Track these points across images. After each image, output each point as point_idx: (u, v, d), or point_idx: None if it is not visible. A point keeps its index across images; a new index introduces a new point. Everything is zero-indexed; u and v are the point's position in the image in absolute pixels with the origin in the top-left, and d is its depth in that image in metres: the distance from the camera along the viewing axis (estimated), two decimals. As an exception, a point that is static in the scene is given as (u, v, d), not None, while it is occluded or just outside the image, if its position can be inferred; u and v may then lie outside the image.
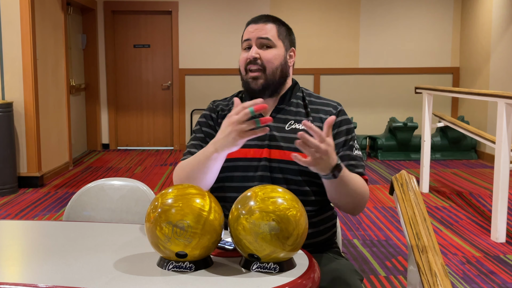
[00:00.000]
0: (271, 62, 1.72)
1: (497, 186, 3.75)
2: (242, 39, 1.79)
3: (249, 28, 1.76)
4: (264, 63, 1.72)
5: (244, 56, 1.75)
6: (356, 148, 1.74)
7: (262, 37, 1.73)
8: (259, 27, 1.75)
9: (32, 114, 5.38)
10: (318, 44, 7.74)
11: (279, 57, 1.74)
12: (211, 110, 1.83)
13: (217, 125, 1.79)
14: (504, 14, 6.52)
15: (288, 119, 1.74)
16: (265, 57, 1.72)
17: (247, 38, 1.75)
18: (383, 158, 7.11)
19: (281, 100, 1.77)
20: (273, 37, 1.74)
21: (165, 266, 1.32)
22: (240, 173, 1.72)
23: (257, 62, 1.72)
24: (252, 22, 1.78)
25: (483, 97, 4.10)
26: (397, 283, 3.09)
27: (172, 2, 7.75)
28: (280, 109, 1.76)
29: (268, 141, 1.71)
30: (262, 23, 1.75)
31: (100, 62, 7.85)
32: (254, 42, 1.73)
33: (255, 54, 1.72)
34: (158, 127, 8.07)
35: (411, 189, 1.79)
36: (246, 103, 1.47)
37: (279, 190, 1.34)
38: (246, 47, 1.76)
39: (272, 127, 1.73)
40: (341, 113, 1.78)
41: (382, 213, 4.53)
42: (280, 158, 1.69)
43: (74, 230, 1.68)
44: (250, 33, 1.75)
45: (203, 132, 1.80)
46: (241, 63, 1.76)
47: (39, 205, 4.82)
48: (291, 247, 1.29)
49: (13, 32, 5.30)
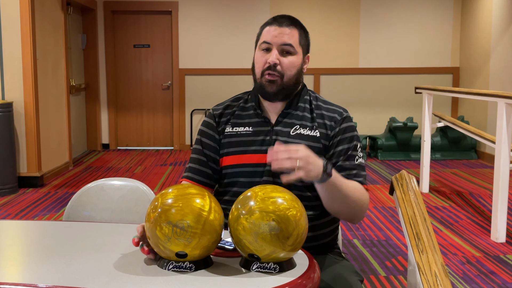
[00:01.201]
0: (290, 70, 1.69)
1: (497, 186, 3.75)
2: (260, 36, 1.73)
3: (272, 30, 1.69)
4: (283, 70, 1.68)
5: (263, 59, 1.69)
6: (358, 157, 1.71)
7: (286, 43, 1.68)
8: (283, 31, 1.68)
9: (32, 114, 5.38)
10: (318, 44, 7.74)
11: (298, 64, 1.71)
12: (211, 117, 1.80)
13: (216, 133, 1.77)
14: (504, 14, 6.52)
15: (294, 124, 1.72)
16: (285, 64, 1.68)
17: (267, 41, 1.69)
18: (383, 158, 7.11)
19: (289, 104, 1.74)
20: (295, 43, 1.69)
21: (165, 266, 1.32)
22: (245, 179, 1.70)
23: (277, 69, 1.67)
24: (276, 23, 1.70)
25: (483, 97, 4.10)
26: (397, 283, 3.09)
27: (172, 2, 7.75)
28: (286, 114, 1.73)
29: (273, 146, 1.70)
30: (286, 26, 1.69)
31: (100, 62, 7.85)
32: (276, 47, 1.68)
33: (276, 59, 1.67)
34: (158, 127, 8.07)
35: (411, 189, 1.78)
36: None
37: (279, 190, 1.34)
38: (265, 49, 1.69)
39: (279, 131, 1.71)
40: (346, 120, 1.75)
41: (382, 213, 4.53)
42: None
43: (74, 230, 1.68)
44: (274, 37, 1.68)
45: (202, 144, 1.78)
46: (259, 64, 1.71)
47: (39, 205, 4.82)
48: (291, 247, 1.29)
49: (13, 32, 5.30)
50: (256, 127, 1.73)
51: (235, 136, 1.74)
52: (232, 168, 1.72)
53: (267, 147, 1.67)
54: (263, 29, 1.73)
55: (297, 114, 1.74)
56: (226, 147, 1.74)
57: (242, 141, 1.72)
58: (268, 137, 1.71)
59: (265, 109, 1.76)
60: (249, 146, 1.71)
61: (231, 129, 1.75)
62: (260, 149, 1.70)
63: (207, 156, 1.76)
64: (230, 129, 1.75)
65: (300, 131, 1.71)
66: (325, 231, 1.74)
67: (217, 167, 1.77)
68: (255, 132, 1.72)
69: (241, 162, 1.71)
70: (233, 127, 1.75)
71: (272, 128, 1.72)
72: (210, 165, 1.76)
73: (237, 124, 1.75)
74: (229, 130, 1.75)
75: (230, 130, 1.75)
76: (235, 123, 1.76)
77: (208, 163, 1.76)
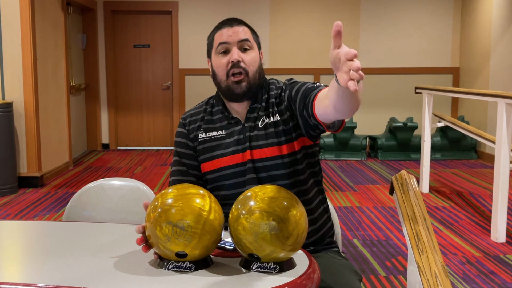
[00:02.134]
0: (252, 65, 1.71)
1: (497, 186, 3.75)
2: (213, 42, 1.75)
3: (225, 32, 1.72)
4: (246, 67, 1.70)
5: (224, 61, 1.70)
6: (314, 82, 1.70)
7: (242, 39, 1.71)
8: (236, 29, 1.71)
9: (32, 114, 5.38)
10: (318, 44, 7.74)
11: (257, 59, 1.74)
12: (181, 126, 1.82)
13: (189, 140, 1.78)
14: (504, 14, 6.52)
15: (260, 116, 1.74)
16: (247, 60, 1.70)
17: (224, 42, 1.71)
18: (383, 158, 7.11)
19: (254, 100, 1.76)
20: (250, 38, 1.73)
21: (165, 266, 1.32)
22: (230, 181, 1.72)
23: (240, 65, 1.69)
24: (226, 25, 1.73)
25: (483, 97, 4.10)
26: (397, 283, 3.09)
27: (172, 2, 7.75)
28: (253, 109, 1.76)
29: (249, 142, 1.71)
30: (237, 25, 1.73)
31: (100, 62, 7.85)
32: (235, 45, 1.70)
33: (238, 57, 1.69)
34: (158, 127, 8.07)
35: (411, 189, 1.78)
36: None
37: (279, 190, 1.34)
38: (223, 51, 1.71)
39: (248, 127, 1.73)
40: (285, 83, 1.77)
41: (382, 213, 4.53)
42: (262, 157, 1.69)
43: (74, 230, 1.68)
44: (228, 37, 1.70)
45: (178, 154, 1.79)
46: (221, 68, 1.71)
47: (39, 205, 4.81)
48: (291, 247, 1.29)
49: (13, 32, 5.30)
50: (228, 128, 1.75)
51: (210, 141, 1.75)
52: (215, 173, 1.73)
53: (243, 145, 1.71)
54: (214, 34, 1.76)
55: (261, 106, 1.76)
56: (203, 153, 1.76)
57: (218, 145, 1.74)
58: (242, 135, 1.72)
59: (233, 110, 1.78)
60: (226, 149, 1.72)
61: (204, 134, 1.77)
62: (237, 149, 1.71)
63: (186, 165, 1.78)
64: (203, 135, 1.77)
65: (266, 120, 1.73)
66: (315, 227, 1.75)
67: (199, 173, 1.78)
68: (229, 133, 1.74)
69: (222, 165, 1.72)
70: (205, 132, 1.77)
71: (243, 126, 1.73)
72: (192, 173, 1.77)
73: (209, 129, 1.77)
74: (203, 136, 1.77)
75: (203, 136, 1.77)
76: (206, 128, 1.77)
77: (189, 171, 1.77)
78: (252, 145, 1.71)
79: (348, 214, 4.49)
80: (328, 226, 1.80)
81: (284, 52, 7.73)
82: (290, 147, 1.70)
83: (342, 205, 4.76)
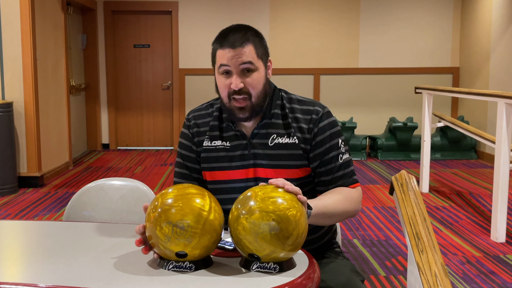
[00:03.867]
0: (256, 87, 1.61)
1: (497, 186, 3.75)
2: (215, 58, 1.64)
3: (226, 53, 1.59)
4: (249, 90, 1.60)
5: (226, 83, 1.60)
6: (342, 154, 1.66)
7: (245, 61, 1.58)
8: (238, 52, 1.58)
9: (32, 114, 5.38)
10: (318, 44, 7.74)
11: (262, 79, 1.63)
12: (186, 127, 1.77)
13: (193, 144, 1.74)
14: (504, 14, 6.52)
15: (270, 134, 1.67)
16: (249, 83, 1.60)
17: (225, 64, 1.59)
18: (383, 158, 7.11)
19: (262, 117, 1.68)
20: (253, 59, 1.60)
21: (165, 266, 1.32)
22: (227, 196, 1.66)
23: (243, 91, 1.60)
24: (227, 45, 1.59)
25: (483, 97, 4.10)
26: (397, 283, 3.09)
27: (172, 2, 7.75)
28: (261, 125, 1.68)
29: (253, 160, 1.66)
30: (240, 46, 1.58)
31: (100, 62, 7.85)
32: (236, 70, 1.59)
33: (239, 84, 1.58)
34: (158, 127, 8.07)
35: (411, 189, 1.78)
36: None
37: (279, 190, 1.34)
38: (225, 72, 1.60)
39: (256, 144, 1.67)
40: (323, 117, 1.68)
41: (382, 213, 4.53)
42: (266, 177, 1.63)
43: (74, 230, 1.68)
44: (229, 60, 1.58)
45: (182, 156, 1.76)
46: (222, 88, 1.62)
47: (39, 205, 4.81)
48: (291, 247, 1.29)
49: (13, 32, 5.30)
50: (233, 141, 1.69)
51: (214, 151, 1.70)
52: (214, 184, 1.70)
53: (247, 161, 1.66)
54: (216, 50, 1.63)
55: (272, 123, 1.68)
56: (205, 161, 1.71)
57: (221, 157, 1.69)
58: (247, 151, 1.67)
59: (239, 124, 1.70)
60: (230, 162, 1.68)
61: (209, 143, 1.71)
62: (241, 165, 1.67)
63: (189, 169, 1.75)
64: (208, 143, 1.71)
65: (278, 141, 1.66)
66: (319, 234, 1.75)
67: (202, 177, 1.75)
68: (233, 147, 1.68)
69: (222, 178, 1.69)
70: (211, 140, 1.71)
71: (249, 142, 1.67)
72: (194, 177, 1.75)
73: (215, 137, 1.71)
74: (207, 144, 1.71)
75: (208, 144, 1.71)
76: (212, 136, 1.71)
77: (191, 175, 1.75)
78: (257, 163, 1.66)
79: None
80: (329, 226, 1.80)
81: (284, 52, 7.73)
82: (296, 172, 1.66)
83: (342, 205, 4.75)
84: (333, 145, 1.66)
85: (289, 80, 7.64)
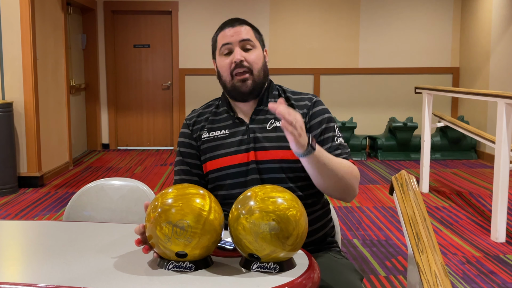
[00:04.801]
0: (256, 63, 1.72)
1: (497, 186, 3.75)
2: (216, 44, 1.76)
3: (227, 32, 1.73)
4: (250, 65, 1.71)
5: (227, 61, 1.72)
6: (337, 137, 1.72)
7: (244, 38, 1.71)
8: (238, 29, 1.72)
9: (32, 114, 5.38)
10: (318, 44, 7.74)
11: (261, 57, 1.74)
12: (185, 126, 1.82)
13: (193, 140, 1.78)
14: (504, 14, 6.52)
15: (268, 119, 1.74)
16: (250, 59, 1.71)
17: (226, 42, 1.72)
18: (383, 158, 7.11)
19: (260, 101, 1.76)
20: (252, 37, 1.73)
21: (165, 266, 1.32)
22: (230, 181, 1.71)
23: (244, 65, 1.70)
24: (228, 25, 1.74)
25: (483, 97, 4.10)
26: (397, 283, 3.09)
27: (172, 2, 7.75)
28: (259, 111, 1.76)
29: (253, 143, 1.71)
30: (239, 25, 1.73)
31: (100, 62, 7.85)
32: (237, 45, 1.71)
33: (241, 56, 1.69)
34: (158, 127, 8.07)
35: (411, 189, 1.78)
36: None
37: (279, 190, 1.34)
38: (226, 52, 1.73)
39: (255, 128, 1.72)
40: (316, 104, 1.76)
41: (382, 213, 4.53)
42: (267, 159, 1.68)
43: (74, 230, 1.68)
44: (230, 37, 1.71)
45: (181, 154, 1.79)
46: (225, 68, 1.73)
47: (39, 205, 4.82)
48: (291, 247, 1.29)
49: (13, 32, 5.30)
50: (232, 128, 1.75)
51: (213, 141, 1.75)
52: (217, 172, 1.73)
53: (247, 146, 1.70)
54: (217, 36, 1.77)
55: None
56: (206, 152, 1.76)
57: (221, 144, 1.74)
58: (246, 136, 1.72)
59: (238, 110, 1.78)
60: (229, 148, 1.72)
61: (207, 134, 1.77)
62: (240, 149, 1.71)
63: (190, 165, 1.77)
64: (207, 134, 1.77)
65: (276, 124, 1.72)
66: (320, 234, 1.75)
67: (202, 173, 1.78)
68: (232, 133, 1.74)
69: (224, 164, 1.71)
70: (209, 132, 1.77)
71: (248, 127, 1.73)
72: (195, 172, 1.77)
73: (213, 128, 1.77)
74: (206, 135, 1.77)
75: (207, 135, 1.77)
76: (210, 128, 1.77)
77: (192, 171, 1.77)
78: (257, 146, 1.70)
79: (348, 214, 4.49)
80: (330, 226, 1.80)
81: (284, 52, 7.73)
82: None
83: (342, 205, 4.76)
84: (329, 128, 1.73)
85: (289, 80, 7.64)
